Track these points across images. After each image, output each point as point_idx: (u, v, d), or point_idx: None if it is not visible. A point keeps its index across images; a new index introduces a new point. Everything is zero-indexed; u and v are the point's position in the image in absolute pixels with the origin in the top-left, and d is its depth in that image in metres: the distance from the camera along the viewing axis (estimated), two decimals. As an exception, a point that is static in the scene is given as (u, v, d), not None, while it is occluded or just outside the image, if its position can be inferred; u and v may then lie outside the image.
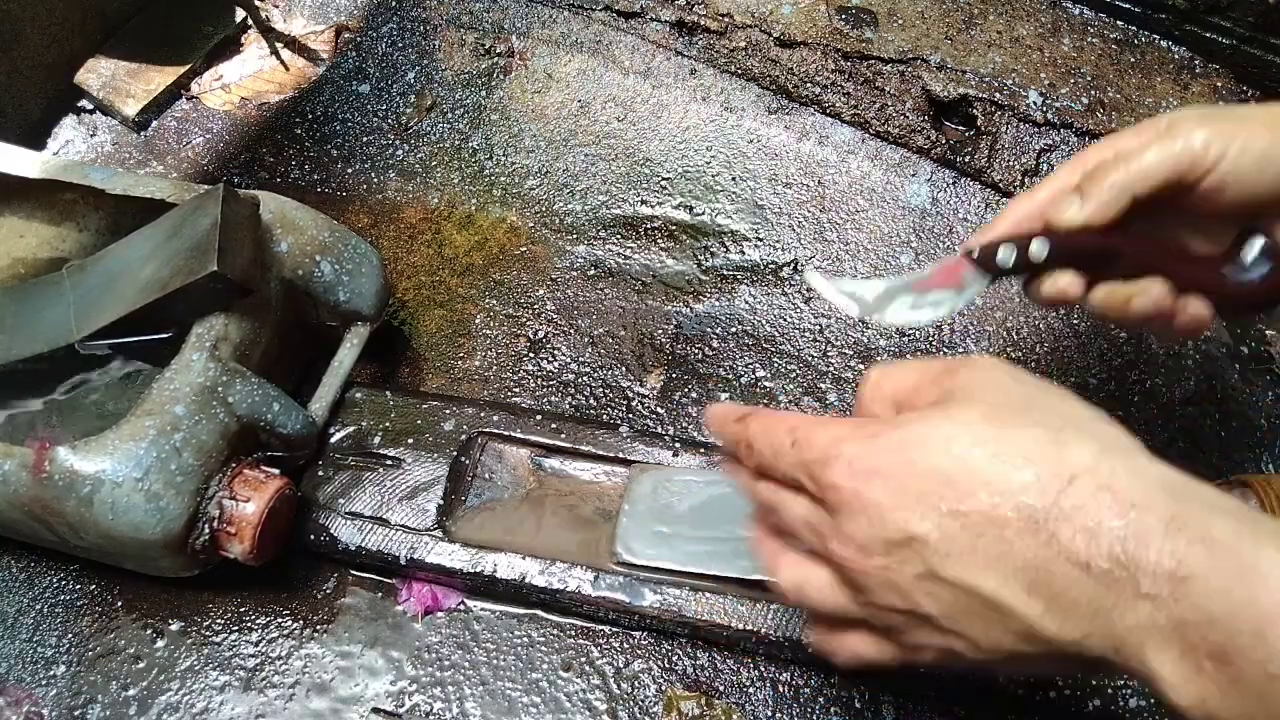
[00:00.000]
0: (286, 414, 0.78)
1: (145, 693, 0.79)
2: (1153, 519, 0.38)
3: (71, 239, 0.92)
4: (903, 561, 0.43)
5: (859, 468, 0.44)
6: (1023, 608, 0.40)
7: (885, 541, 0.43)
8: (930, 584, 0.43)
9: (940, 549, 0.42)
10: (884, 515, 0.43)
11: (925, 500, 0.42)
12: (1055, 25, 1.05)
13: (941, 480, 0.42)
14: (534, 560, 0.77)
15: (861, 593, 0.45)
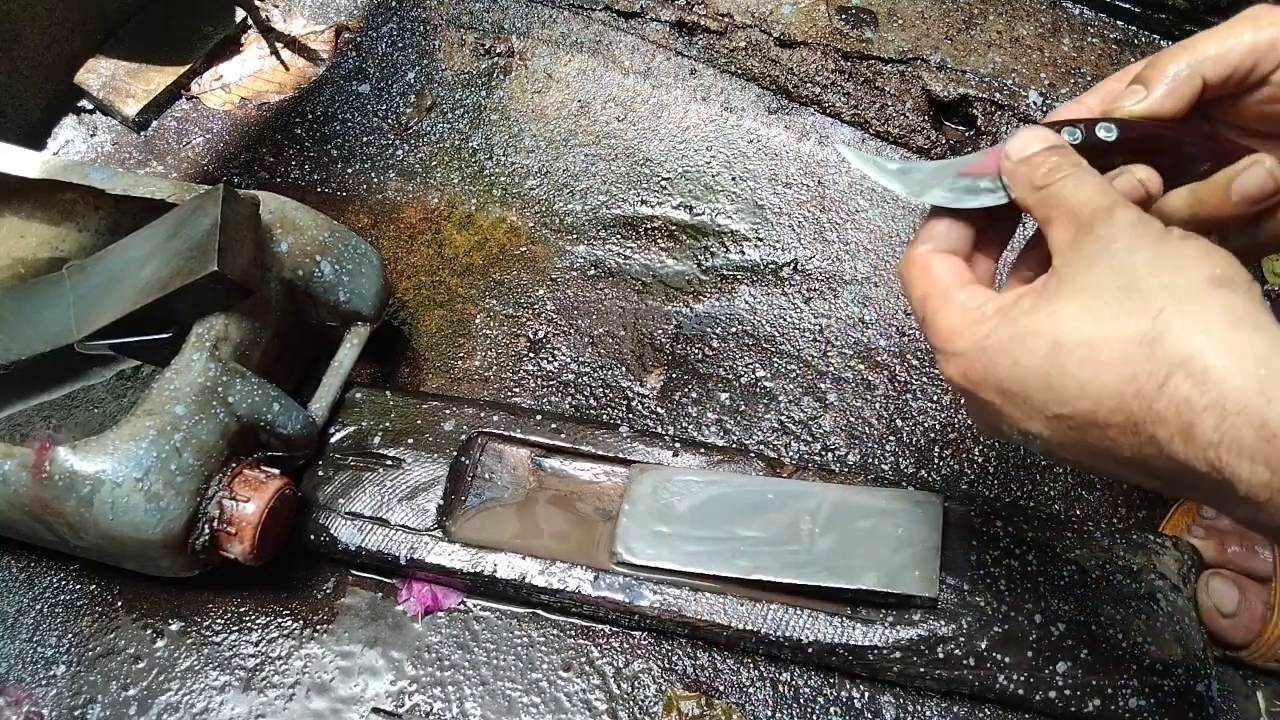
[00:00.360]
0: (286, 414, 0.78)
1: (145, 693, 0.79)
2: (1245, 428, 0.38)
3: (71, 239, 0.92)
4: (1026, 441, 0.47)
5: (971, 372, 0.47)
6: (1142, 482, 0.44)
7: (1002, 431, 0.47)
8: (1056, 457, 0.46)
9: (1054, 441, 0.45)
10: (999, 413, 0.46)
11: (1031, 403, 0.44)
12: (1055, 25, 1.05)
13: (1043, 383, 0.44)
14: (534, 560, 0.77)
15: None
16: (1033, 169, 0.49)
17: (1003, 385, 0.45)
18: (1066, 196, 0.47)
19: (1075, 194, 0.47)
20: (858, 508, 0.76)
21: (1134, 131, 0.51)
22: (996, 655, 0.72)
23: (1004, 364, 0.45)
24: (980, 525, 0.77)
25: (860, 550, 0.74)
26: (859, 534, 0.75)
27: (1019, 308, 0.46)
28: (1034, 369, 0.44)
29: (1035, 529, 0.77)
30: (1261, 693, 0.75)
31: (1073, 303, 0.44)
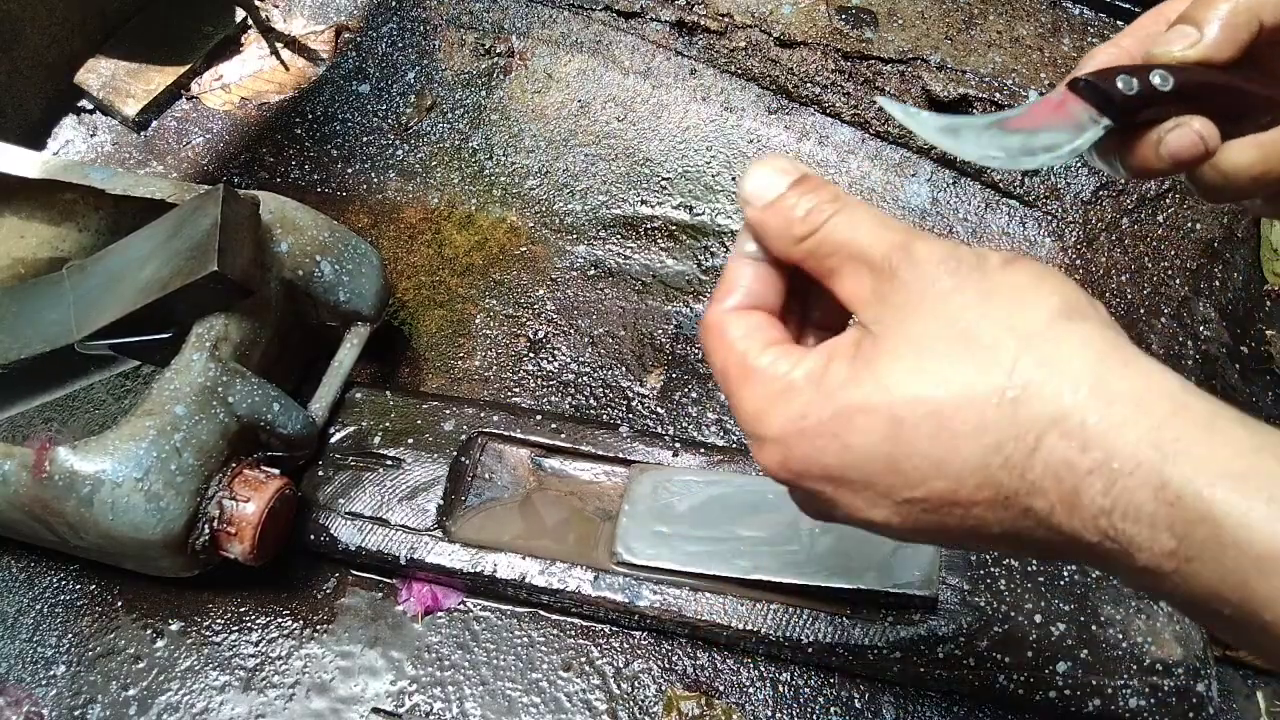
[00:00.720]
0: (286, 414, 0.78)
1: (145, 693, 0.79)
2: (1140, 490, 0.33)
3: (72, 239, 0.92)
4: (858, 525, 0.40)
5: (790, 461, 0.39)
6: (1007, 551, 0.38)
7: (837, 519, 0.40)
8: (896, 538, 0.40)
9: (906, 528, 0.38)
10: (833, 502, 0.39)
11: (873, 489, 0.38)
12: (1055, 25, 1.05)
13: (887, 468, 0.37)
14: (534, 560, 0.77)
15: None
16: (785, 215, 0.40)
17: (832, 473, 0.38)
18: (844, 240, 0.39)
19: (854, 235, 0.39)
20: None
21: (1191, 78, 0.44)
22: (996, 655, 0.71)
23: (831, 449, 0.38)
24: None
25: (860, 550, 0.74)
26: (859, 534, 0.74)
27: (833, 378, 0.38)
28: (872, 452, 0.37)
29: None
30: (1262, 693, 0.75)
31: (901, 366, 0.37)
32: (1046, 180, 0.98)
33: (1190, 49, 0.44)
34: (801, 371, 0.39)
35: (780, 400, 0.39)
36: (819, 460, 0.38)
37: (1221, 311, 0.92)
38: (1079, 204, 0.97)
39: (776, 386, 0.39)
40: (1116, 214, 0.96)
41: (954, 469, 0.35)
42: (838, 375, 0.38)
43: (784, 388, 0.39)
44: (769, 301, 0.43)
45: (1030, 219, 0.98)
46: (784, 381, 0.39)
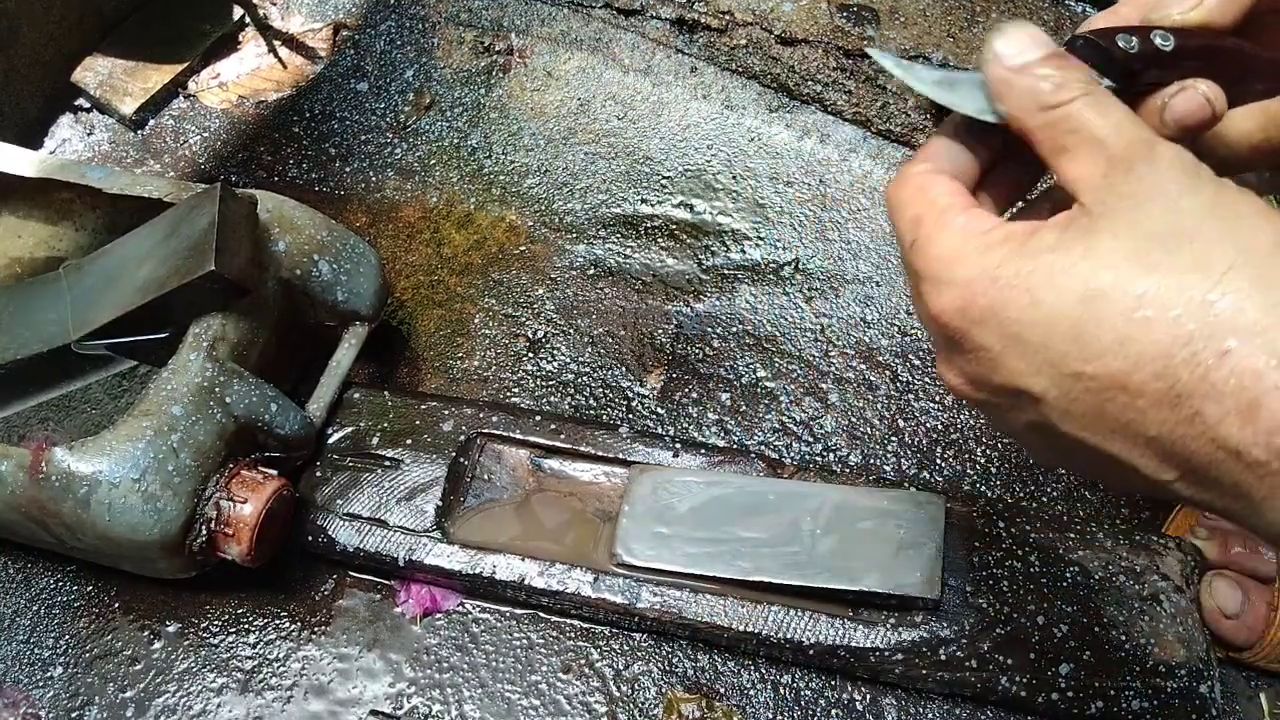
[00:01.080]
0: (284, 414, 0.77)
1: (142, 694, 0.79)
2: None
3: (69, 238, 0.92)
4: (1013, 408, 0.39)
5: (972, 307, 0.38)
6: (1153, 472, 0.36)
7: (995, 387, 0.39)
8: (1043, 436, 0.39)
9: (1058, 407, 0.37)
10: (995, 362, 0.38)
11: (1045, 353, 0.37)
12: (1057, 24, 1.04)
13: (1069, 332, 0.36)
14: (533, 562, 0.77)
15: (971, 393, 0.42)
16: (1036, 82, 0.40)
17: (1010, 327, 0.37)
18: (1089, 122, 0.38)
19: (1101, 120, 0.38)
20: (859, 509, 0.76)
21: (1192, 41, 0.42)
22: (999, 657, 0.71)
23: (1019, 302, 0.37)
24: (983, 526, 0.76)
25: (862, 552, 0.74)
26: (861, 535, 0.74)
27: (1039, 241, 0.38)
28: (1060, 312, 0.36)
29: (1038, 530, 0.76)
30: (1265, 694, 0.75)
31: (1116, 244, 0.36)
32: (1047, 180, 0.98)
33: (1191, 11, 0.43)
34: (1003, 233, 0.39)
35: (978, 251, 0.39)
36: (1002, 310, 0.38)
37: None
38: (1081, 203, 0.97)
39: (976, 240, 0.39)
40: (1119, 213, 0.96)
41: (1136, 350, 0.35)
42: (1045, 240, 0.38)
43: (984, 242, 0.39)
44: (966, 176, 0.43)
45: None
46: (985, 237, 0.39)
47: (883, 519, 0.75)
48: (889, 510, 0.75)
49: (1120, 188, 0.37)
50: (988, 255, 0.38)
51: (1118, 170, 0.38)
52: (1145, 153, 0.38)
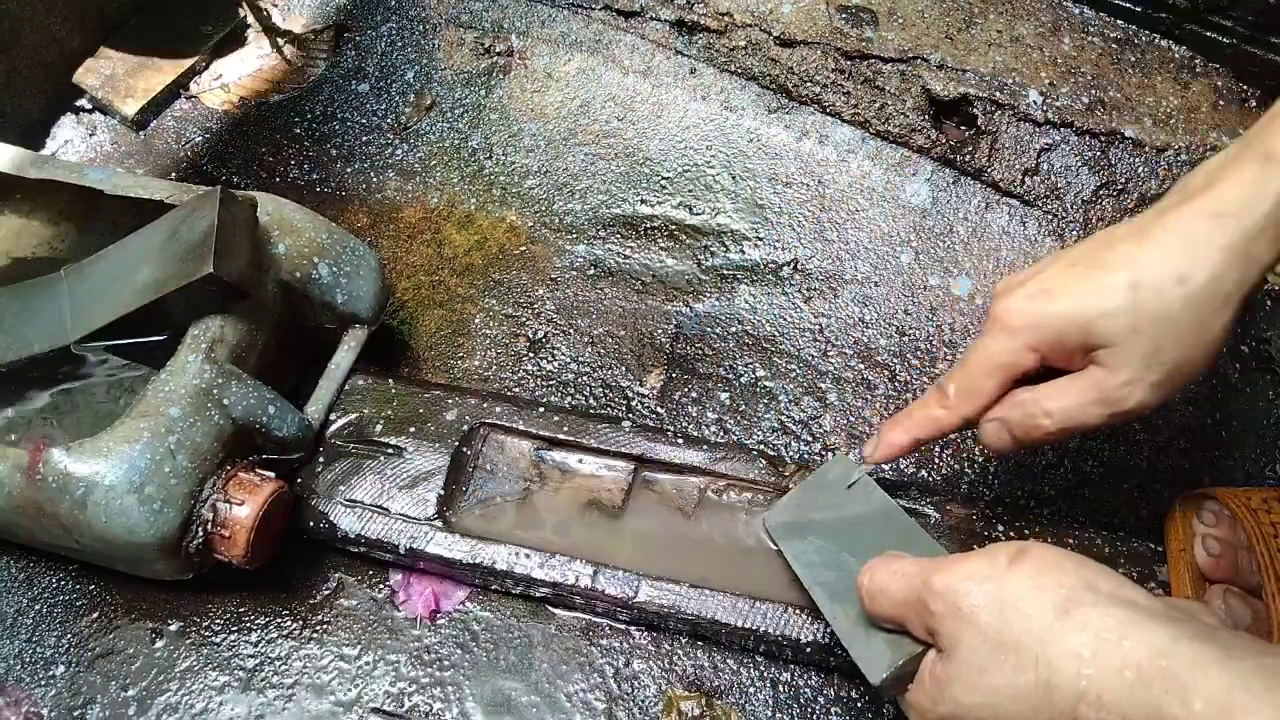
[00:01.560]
0: (282, 417, 0.78)
1: (144, 693, 0.79)
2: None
3: (70, 239, 0.92)
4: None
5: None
6: None
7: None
8: None
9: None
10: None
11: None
12: (1055, 24, 1.05)
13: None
14: (534, 552, 0.77)
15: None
16: (869, 597, 0.59)
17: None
18: (895, 598, 0.56)
19: (896, 591, 0.56)
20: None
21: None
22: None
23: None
24: (981, 528, 0.77)
25: None
26: None
27: (929, 692, 0.53)
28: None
29: (1036, 533, 0.76)
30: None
31: (962, 684, 0.50)
32: (1047, 180, 0.98)
33: (944, 424, 0.66)
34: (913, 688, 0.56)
35: (909, 707, 0.56)
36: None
37: (1222, 311, 0.92)
38: (1079, 203, 0.97)
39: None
40: (1117, 213, 0.96)
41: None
42: (930, 693, 0.53)
43: (909, 697, 0.56)
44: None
45: (1030, 218, 0.97)
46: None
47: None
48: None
49: (940, 628, 0.52)
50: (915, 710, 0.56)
51: (926, 617, 0.53)
52: (927, 592, 0.53)
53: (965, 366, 0.64)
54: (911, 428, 0.68)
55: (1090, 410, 0.60)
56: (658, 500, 0.81)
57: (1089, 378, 0.60)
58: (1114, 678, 0.44)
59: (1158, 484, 0.85)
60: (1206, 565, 0.71)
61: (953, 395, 0.65)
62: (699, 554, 0.78)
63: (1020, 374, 0.62)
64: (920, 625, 0.54)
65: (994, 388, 0.63)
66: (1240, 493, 0.73)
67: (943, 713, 0.52)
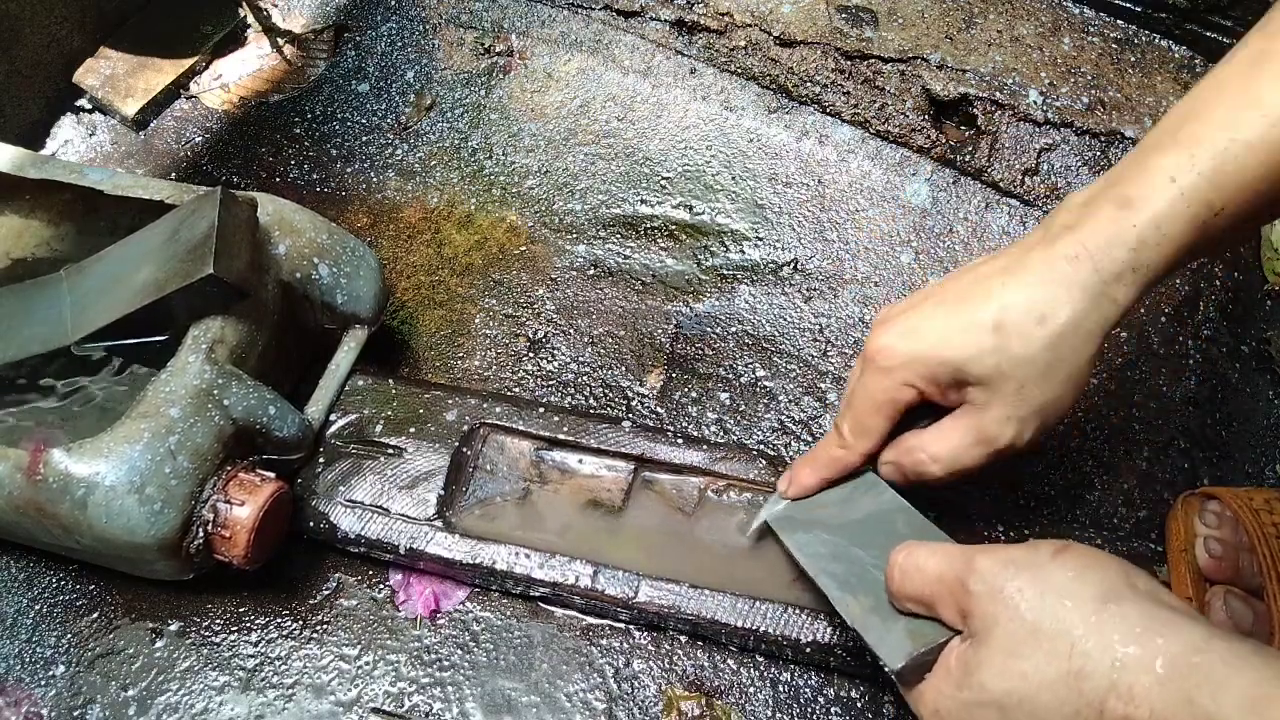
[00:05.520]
0: (282, 417, 0.78)
1: (144, 693, 0.79)
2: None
3: (70, 239, 0.92)
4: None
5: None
6: None
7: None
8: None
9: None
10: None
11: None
12: (1055, 24, 1.05)
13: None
14: (534, 552, 0.77)
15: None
16: (901, 573, 0.59)
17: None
18: (930, 575, 0.56)
19: (933, 569, 0.56)
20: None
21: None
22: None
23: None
24: (981, 528, 0.77)
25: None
26: None
27: (954, 677, 0.53)
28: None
29: (1037, 532, 0.76)
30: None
31: (993, 668, 0.50)
32: (1046, 180, 0.98)
33: (846, 462, 0.69)
34: (939, 666, 0.55)
35: (923, 694, 0.56)
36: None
37: (1222, 311, 0.92)
38: (1079, 203, 0.97)
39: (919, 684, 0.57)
40: (1117, 213, 0.96)
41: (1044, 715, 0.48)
42: (955, 676, 0.52)
43: (924, 686, 0.56)
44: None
45: (1031, 218, 0.97)
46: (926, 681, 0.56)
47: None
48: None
49: (975, 611, 0.52)
50: (927, 695, 0.55)
51: (963, 599, 0.53)
52: (969, 572, 0.53)
53: (851, 407, 0.67)
54: (818, 468, 0.70)
55: (971, 452, 0.62)
56: (658, 500, 0.81)
57: (965, 420, 0.62)
58: (1146, 672, 0.44)
59: (1158, 484, 0.85)
60: (1208, 566, 0.71)
61: (847, 435, 0.67)
62: (699, 554, 0.78)
63: (904, 406, 0.64)
64: (953, 605, 0.54)
65: (882, 423, 0.65)
66: (1242, 493, 0.73)
67: (965, 699, 0.51)
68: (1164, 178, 0.56)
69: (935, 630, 0.57)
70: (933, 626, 0.57)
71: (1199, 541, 0.72)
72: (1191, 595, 0.70)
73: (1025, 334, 0.58)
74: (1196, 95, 0.59)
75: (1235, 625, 0.69)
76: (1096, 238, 0.58)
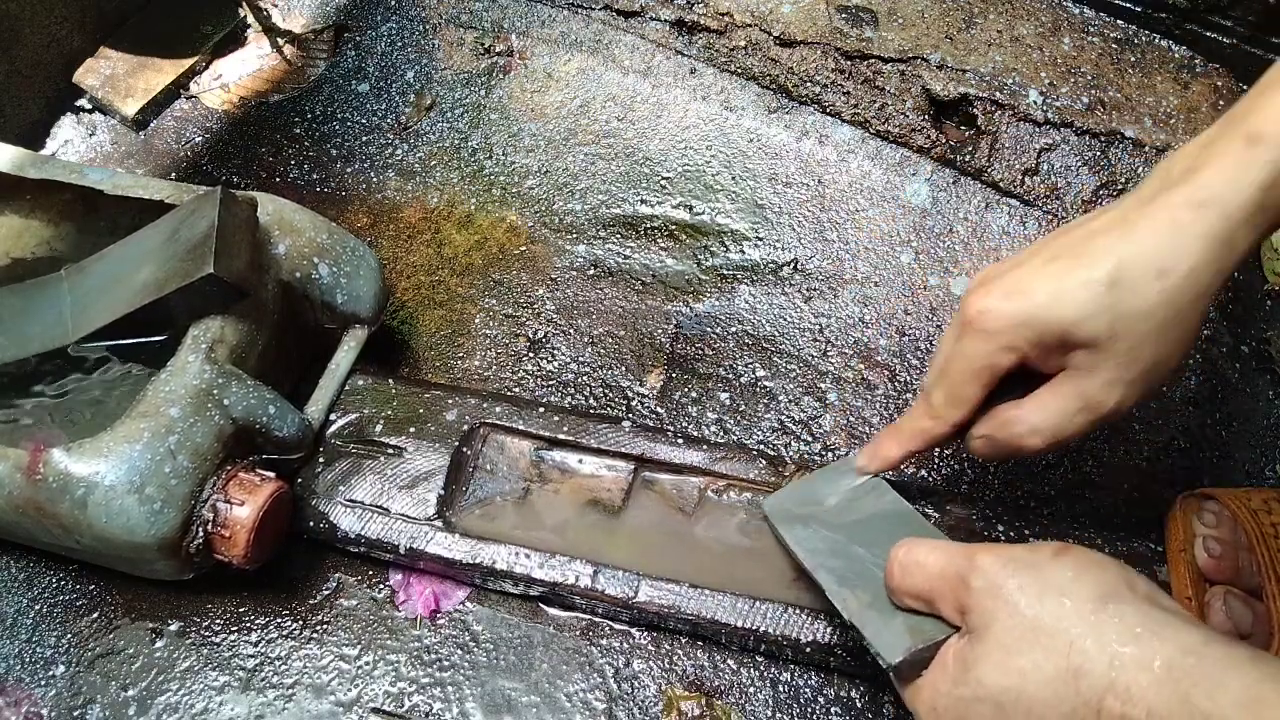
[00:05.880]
0: (282, 417, 0.78)
1: (144, 693, 0.79)
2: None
3: (70, 239, 0.92)
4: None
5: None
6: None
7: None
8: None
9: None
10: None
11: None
12: (1055, 24, 1.05)
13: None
14: (534, 552, 0.77)
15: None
16: (901, 569, 0.59)
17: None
18: (931, 571, 0.56)
19: (934, 565, 0.56)
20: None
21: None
22: (996, 656, 0.71)
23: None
24: (981, 528, 0.77)
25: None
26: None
27: (951, 673, 0.53)
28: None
29: (1037, 532, 0.76)
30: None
31: (991, 664, 0.50)
32: (1047, 180, 0.98)
33: (934, 434, 0.66)
34: (934, 663, 0.55)
35: (919, 690, 0.56)
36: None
37: (1221, 311, 0.92)
38: (1079, 203, 0.97)
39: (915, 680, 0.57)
40: (1117, 213, 0.96)
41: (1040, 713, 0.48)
42: (952, 673, 0.52)
43: (921, 682, 0.56)
44: None
45: (1030, 218, 0.97)
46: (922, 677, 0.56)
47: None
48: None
49: (974, 607, 0.52)
50: (923, 692, 0.55)
51: (963, 594, 0.53)
52: (970, 569, 0.53)
53: (946, 374, 0.63)
54: (904, 441, 0.68)
55: (1075, 419, 0.59)
56: (658, 500, 0.81)
57: (1069, 385, 0.59)
58: (1144, 671, 0.45)
59: (1158, 484, 0.85)
60: (1207, 566, 0.71)
61: (938, 405, 0.64)
62: (699, 554, 0.78)
63: (1003, 373, 0.61)
64: (952, 601, 0.54)
65: (977, 392, 0.62)
66: (1241, 493, 0.73)
67: (962, 695, 0.51)
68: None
69: (934, 627, 0.57)
70: (931, 623, 0.57)
71: (1198, 541, 0.72)
72: (1191, 595, 0.70)
73: (1143, 290, 0.55)
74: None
75: (1235, 625, 0.68)
76: (1219, 180, 0.54)
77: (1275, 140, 0.53)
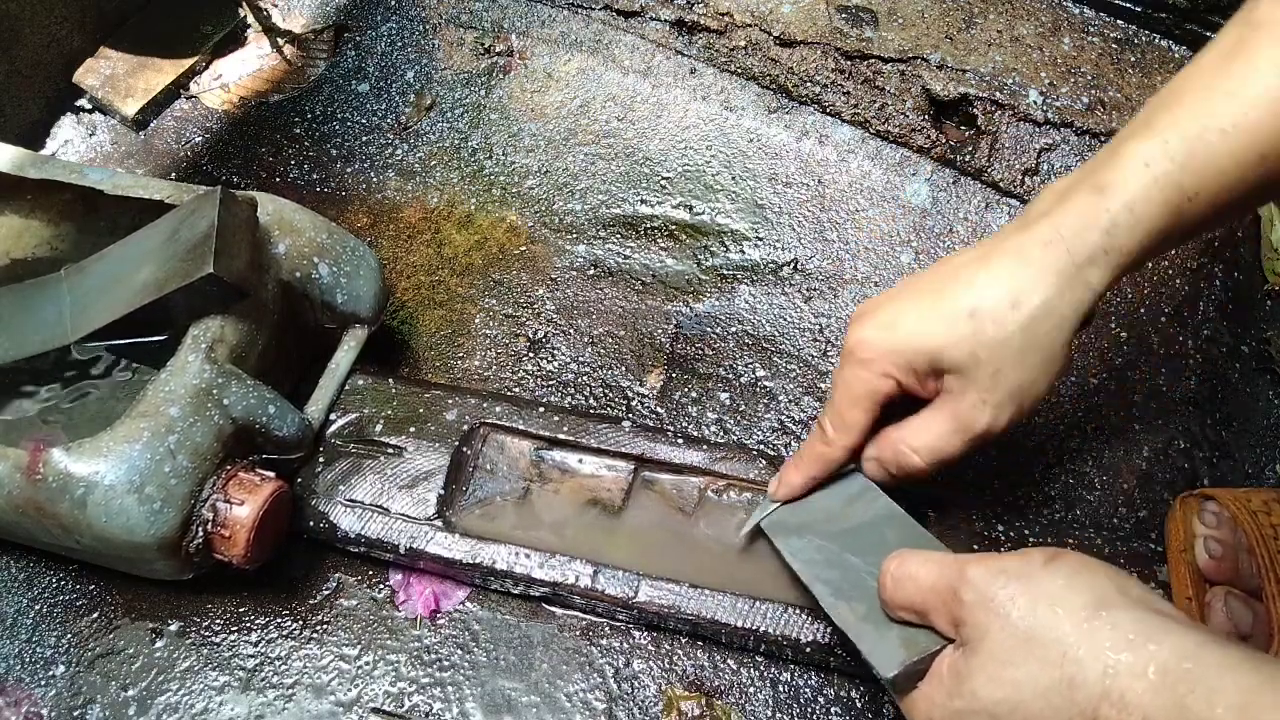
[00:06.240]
0: (282, 417, 0.78)
1: (144, 693, 0.79)
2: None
3: (70, 239, 0.92)
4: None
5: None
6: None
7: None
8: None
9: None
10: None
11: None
12: (1055, 24, 1.05)
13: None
14: (534, 552, 0.77)
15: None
16: (894, 582, 0.59)
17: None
18: (923, 585, 0.56)
19: (926, 578, 0.56)
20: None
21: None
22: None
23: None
24: (981, 528, 0.77)
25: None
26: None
27: (946, 685, 0.53)
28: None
29: (1037, 532, 0.76)
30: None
31: (984, 676, 0.50)
32: (1047, 180, 0.98)
33: (831, 459, 0.69)
34: (924, 682, 0.56)
35: (915, 702, 0.56)
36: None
37: (1221, 311, 0.92)
38: (1079, 203, 0.97)
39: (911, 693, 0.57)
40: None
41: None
42: (947, 686, 0.53)
43: (916, 694, 0.56)
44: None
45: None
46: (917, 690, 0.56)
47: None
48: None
49: (967, 619, 0.52)
50: (919, 705, 0.55)
51: (957, 607, 0.53)
52: (961, 581, 0.53)
53: (833, 402, 0.67)
54: (804, 467, 0.71)
55: (952, 440, 0.63)
56: (658, 500, 0.81)
57: (943, 408, 0.63)
58: (1138, 678, 0.45)
59: (1158, 484, 0.85)
60: (1207, 567, 0.71)
61: (829, 431, 0.68)
62: (699, 554, 0.78)
63: (884, 399, 0.65)
64: (945, 614, 0.55)
65: (863, 416, 0.66)
66: (1240, 494, 0.72)
67: (957, 707, 0.51)
68: (1138, 163, 0.57)
69: (928, 639, 0.57)
70: (926, 635, 0.57)
71: (1198, 542, 0.72)
72: (1191, 596, 0.70)
73: (999, 318, 0.59)
74: (1174, 84, 0.60)
75: (1235, 626, 0.69)
76: (1070, 222, 0.59)
77: (1118, 190, 0.58)
